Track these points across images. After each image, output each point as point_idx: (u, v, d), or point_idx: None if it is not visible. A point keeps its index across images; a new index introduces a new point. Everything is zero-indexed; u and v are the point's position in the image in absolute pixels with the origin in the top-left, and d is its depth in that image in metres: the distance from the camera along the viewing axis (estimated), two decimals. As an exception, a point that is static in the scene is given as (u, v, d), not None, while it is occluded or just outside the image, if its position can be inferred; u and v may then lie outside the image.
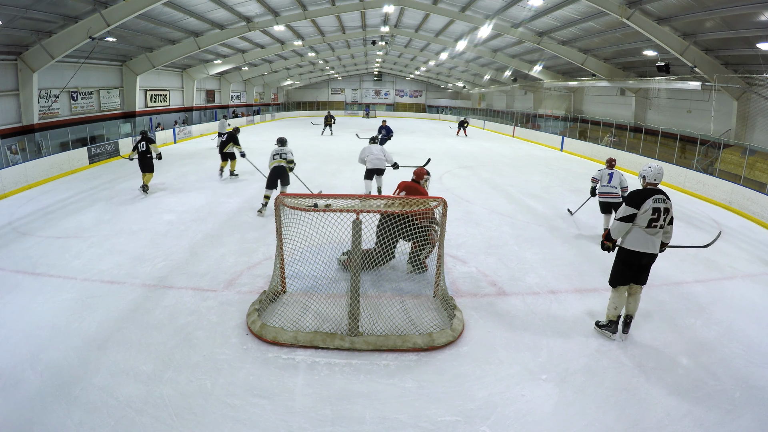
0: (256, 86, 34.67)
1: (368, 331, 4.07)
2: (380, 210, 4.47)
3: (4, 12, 10.28)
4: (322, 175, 12.04)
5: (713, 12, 10.46)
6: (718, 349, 4.11)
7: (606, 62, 17.99)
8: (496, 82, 31.25)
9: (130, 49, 17.17)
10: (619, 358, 3.93)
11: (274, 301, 4.68)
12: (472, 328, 4.35)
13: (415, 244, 5.22)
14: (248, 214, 8.09)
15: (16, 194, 9.63)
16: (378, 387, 3.48)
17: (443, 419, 3.15)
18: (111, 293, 4.92)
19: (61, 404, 3.17)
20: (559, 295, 5.15)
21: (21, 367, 3.57)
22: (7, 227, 7.27)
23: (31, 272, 5.44)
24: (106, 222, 7.55)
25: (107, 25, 12.05)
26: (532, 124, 25.32)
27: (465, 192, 10.39)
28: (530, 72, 22.45)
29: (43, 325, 4.21)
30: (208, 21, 16.60)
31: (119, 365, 3.63)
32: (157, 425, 3.02)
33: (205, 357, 3.78)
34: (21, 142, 11.74)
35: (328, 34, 23.58)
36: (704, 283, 5.64)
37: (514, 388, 3.49)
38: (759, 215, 8.86)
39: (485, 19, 16.25)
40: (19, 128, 12.91)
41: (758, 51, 10.91)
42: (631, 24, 12.01)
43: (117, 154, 14.90)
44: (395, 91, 46.22)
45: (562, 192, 10.76)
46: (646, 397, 3.42)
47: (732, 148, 12.43)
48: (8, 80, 12.52)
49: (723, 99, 13.31)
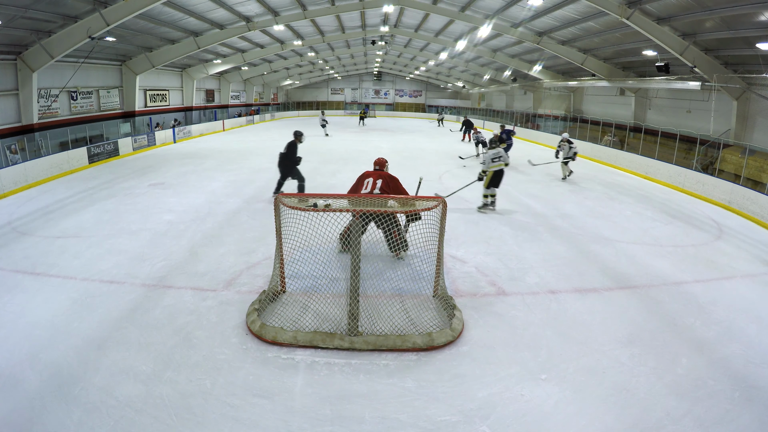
0: (256, 86, 34.65)
1: (368, 330, 4.08)
2: (380, 210, 4.46)
3: (3, 12, 10.27)
4: (321, 175, 12.04)
5: (713, 12, 10.45)
6: (718, 349, 4.12)
7: (606, 62, 17.98)
8: (496, 82, 31.24)
9: (129, 49, 17.16)
10: (619, 358, 3.93)
11: (274, 300, 4.68)
12: (472, 327, 4.35)
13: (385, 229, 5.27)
14: (248, 214, 8.09)
15: (15, 194, 9.63)
16: (378, 387, 3.48)
17: (443, 419, 3.15)
18: (110, 293, 4.91)
19: (61, 404, 3.17)
20: (559, 294, 5.15)
21: (21, 367, 3.57)
22: (7, 227, 7.27)
23: (30, 272, 5.44)
24: (105, 222, 7.55)
25: (107, 24, 12.05)
26: (531, 123, 25.32)
27: (465, 192, 10.38)
28: (530, 72, 22.44)
29: (43, 325, 4.21)
30: (208, 21, 16.59)
31: (119, 365, 3.63)
32: (157, 425, 3.02)
33: (204, 357, 3.78)
34: (20, 142, 11.73)
35: (327, 33, 23.57)
36: (703, 283, 5.64)
37: (513, 387, 3.50)
38: (759, 215, 8.86)
39: (485, 18, 16.24)
40: (19, 128, 12.91)
41: (758, 51, 10.91)
42: (630, 24, 12.01)
43: (117, 153, 14.91)
44: (395, 90, 46.21)
45: (562, 192, 10.76)
46: (646, 397, 3.42)
47: (732, 148, 12.43)
48: (8, 80, 12.51)
49: (723, 99, 13.31)
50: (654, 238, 7.36)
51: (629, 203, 9.90)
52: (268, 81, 35.99)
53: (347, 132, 25.23)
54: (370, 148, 18.13)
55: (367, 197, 4.98)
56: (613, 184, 12.25)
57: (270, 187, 10.31)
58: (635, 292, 5.30)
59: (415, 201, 4.65)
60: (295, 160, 8.77)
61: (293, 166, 8.76)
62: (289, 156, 8.73)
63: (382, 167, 6.20)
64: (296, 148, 8.86)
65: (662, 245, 7.03)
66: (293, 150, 8.79)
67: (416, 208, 4.52)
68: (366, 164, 13.71)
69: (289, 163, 8.74)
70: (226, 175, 11.71)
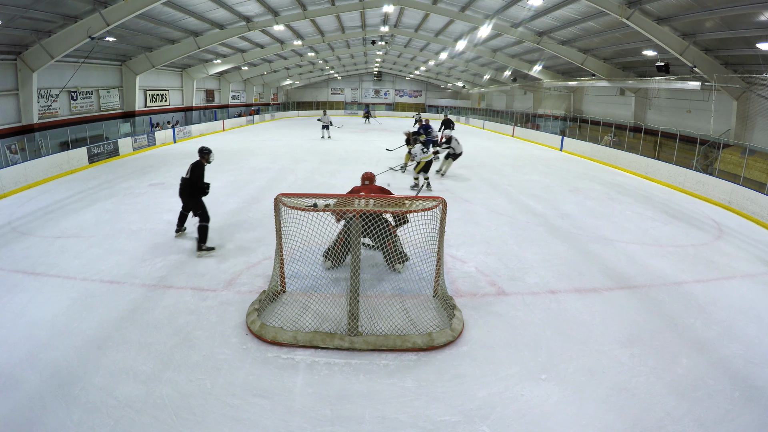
0: (256, 86, 34.65)
1: (368, 330, 4.08)
2: (379, 210, 4.47)
3: (3, 12, 10.27)
4: (321, 175, 12.04)
5: (713, 12, 10.45)
6: (718, 349, 4.12)
7: (606, 62, 17.98)
8: (496, 82, 31.24)
9: (129, 49, 17.16)
10: (619, 358, 3.93)
11: (274, 300, 4.68)
12: (472, 327, 4.35)
13: (379, 243, 5.27)
14: (248, 214, 8.09)
15: (15, 194, 9.63)
16: (378, 387, 3.48)
17: (443, 419, 3.15)
18: (110, 293, 4.91)
19: (61, 404, 3.17)
20: (559, 294, 5.15)
21: (21, 367, 3.57)
22: (7, 227, 7.27)
23: (30, 272, 5.44)
24: (105, 222, 7.55)
25: (107, 24, 12.05)
26: (531, 123, 25.32)
27: (465, 192, 10.39)
28: (530, 72, 22.45)
29: (43, 325, 4.21)
30: (208, 21, 16.59)
31: (119, 365, 3.63)
32: (157, 425, 3.02)
33: (204, 357, 3.78)
34: (20, 142, 11.72)
35: (327, 33, 23.57)
36: (704, 283, 5.64)
37: (513, 387, 3.50)
38: (758, 215, 8.86)
39: (485, 18, 16.24)
40: (19, 128, 12.91)
41: (758, 51, 10.91)
42: (630, 24, 12.01)
43: (117, 153, 14.90)
44: (395, 90, 46.21)
45: (562, 192, 10.76)
46: (646, 397, 3.42)
47: (731, 148, 12.42)
48: (8, 80, 12.51)
49: (722, 99, 13.31)
50: (654, 238, 7.36)
51: (629, 203, 9.90)
52: (268, 81, 35.99)
53: (347, 132, 25.22)
54: (370, 148, 18.14)
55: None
56: (613, 184, 12.25)
57: (270, 186, 10.33)
58: (635, 292, 5.30)
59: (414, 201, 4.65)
60: (201, 186, 6.39)
61: (199, 194, 6.39)
62: (194, 181, 6.36)
63: (371, 181, 6.06)
64: (203, 171, 6.44)
65: (662, 245, 7.03)
66: (199, 173, 6.40)
67: (416, 209, 4.52)
68: (366, 164, 13.77)
69: (194, 191, 6.39)
70: (226, 175, 11.70)
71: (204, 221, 6.31)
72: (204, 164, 6.50)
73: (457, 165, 14.48)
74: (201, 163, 6.48)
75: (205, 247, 6.19)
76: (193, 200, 6.41)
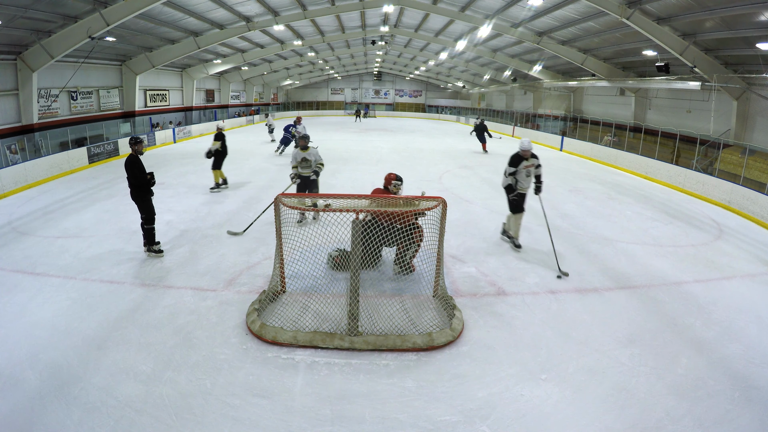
0: (256, 86, 34.66)
1: (368, 330, 4.07)
2: (379, 210, 4.46)
3: (3, 12, 10.27)
4: (321, 174, 12.00)
5: (713, 12, 10.45)
6: (718, 349, 4.11)
7: (606, 62, 17.99)
8: (496, 82, 31.24)
9: (129, 49, 17.16)
10: (619, 358, 3.93)
11: (274, 300, 4.67)
12: (472, 327, 4.35)
13: (400, 246, 5.25)
14: (248, 214, 8.09)
15: (15, 194, 9.63)
16: (378, 387, 3.48)
17: (443, 419, 3.15)
18: (110, 293, 4.91)
19: (61, 404, 3.17)
20: (559, 294, 5.15)
21: (20, 367, 3.57)
22: (7, 227, 7.27)
23: (30, 272, 5.44)
24: (105, 222, 7.55)
25: (107, 24, 12.05)
26: (531, 123, 25.32)
27: (465, 192, 10.38)
28: (530, 72, 22.45)
29: (43, 325, 4.21)
30: (208, 21, 16.59)
31: (119, 365, 3.63)
32: (157, 425, 3.02)
33: (204, 357, 3.78)
34: (20, 142, 11.74)
35: (327, 33, 23.57)
36: (704, 283, 5.63)
37: (513, 387, 3.49)
38: (758, 215, 8.86)
39: (485, 19, 16.25)
40: (19, 128, 12.91)
41: (758, 51, 10.91)
42: (630, 24, 12.01)
43: (117, 153, 14.90)
44: (395, 90, 46.22)
45: (562, 192, 10.76)
46: (646, 397, 3.42)
47: (731, 148, 12.43)
48: (8, 80, 12.51)
49: (723, 99, 13.31)
50: (654, 238, 7.36)
51: (629, 203, 9.89)
52: (268, 81, 36.00)
53: (347, 132, 25.21)
54: (370, 148, 18.13)
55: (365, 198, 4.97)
56: (613, 184, 12.25)
57: (270, 186, 10.33)
58: (635, 292, 5.30)
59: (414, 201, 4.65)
60: (145, 181, 5.72)
61: (146, 192, 5.80)
62: (136, 177, 5.69)
63: (387, 184, 5.79)
64: (140, 164, 5.73)
65: (662, 245, 7.03)
66: (135, 170, 5.68)
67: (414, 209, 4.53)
68: (366, 164, 13.77)
69: (139, 193, 5.79)
70: (226, 175, 11.68)
71: (149, 224, 5.87)
72: (138, 156, 5.76)
73: (457, 165, 14.51)
74: (134, 157, 5.72)
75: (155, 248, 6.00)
76: (140, 201, 5.80)
